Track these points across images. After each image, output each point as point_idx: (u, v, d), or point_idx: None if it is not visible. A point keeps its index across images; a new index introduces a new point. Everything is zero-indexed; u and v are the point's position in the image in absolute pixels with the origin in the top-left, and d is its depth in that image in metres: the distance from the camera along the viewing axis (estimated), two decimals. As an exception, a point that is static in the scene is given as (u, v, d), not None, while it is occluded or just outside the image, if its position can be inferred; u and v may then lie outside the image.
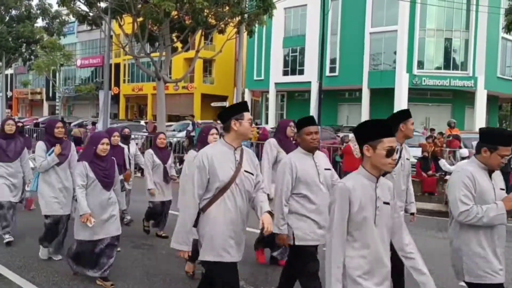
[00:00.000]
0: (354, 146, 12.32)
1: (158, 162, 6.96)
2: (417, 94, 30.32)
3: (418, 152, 14.54)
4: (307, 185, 3.88)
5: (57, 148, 5.49)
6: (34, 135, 24.19)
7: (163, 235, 7.01)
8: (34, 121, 29.67)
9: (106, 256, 4.86)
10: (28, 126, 26.80)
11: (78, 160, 4.93)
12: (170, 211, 7.20)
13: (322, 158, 4.15)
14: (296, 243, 3.86)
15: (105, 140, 4.83)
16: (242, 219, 3.42)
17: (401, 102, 29.73)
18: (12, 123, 6.40)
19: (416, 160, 13.60)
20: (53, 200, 5.54)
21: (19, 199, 6.65)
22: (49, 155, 5.46)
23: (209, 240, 3.31)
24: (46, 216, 5.63)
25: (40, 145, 5.55)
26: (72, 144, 5.91)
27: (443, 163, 10.33)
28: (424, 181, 12.24)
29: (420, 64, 30.43)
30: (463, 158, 9.37)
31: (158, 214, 7.07)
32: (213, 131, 5.28)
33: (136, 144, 19.80)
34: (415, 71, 30.01)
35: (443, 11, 29.86)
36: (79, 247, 4.85)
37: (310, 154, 4.01)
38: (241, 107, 3.45)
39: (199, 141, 5.26)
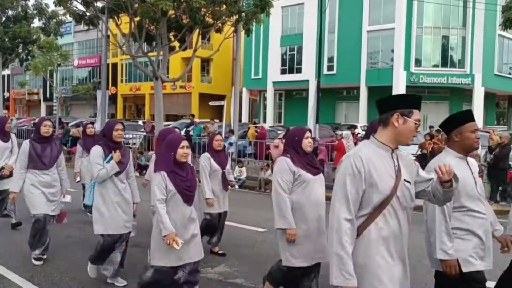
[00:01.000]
0: (347, 143, 12.35)
1: (216, 168, 6.06)
2: (414, 91, 30.17)
3: (415, 149, 14.59)
4: (469, 196, 3.20)
5: (116, 155, 4.69)
6: (31, 135, 24.17)
7: (220, 252, 6.24)
8: (32, 122, 29.58)
9: (190, 284, 4.10)
10: (26, 127, 26.77)
11: (155, 170, 4.00)
12: (226, 222, 6.52)
13: (471, 160, 3.47)
14: (464, 270, 3.14)
15: (185, 143, 4.02)
16: (405, 242, 2.63)
17: (398, 100, 29.76)
18: (49, 124, 5.56)
19: (413, 158, 13.63)
20: (112, 217, 4.76)
21: (58, 212, 5.77)
22: (107, 162, 4.67)
23: (364, 270, 2.48)
24: (103, 235, 4.83)
25: (97, 151, 4.70)
26: (130, 151, 5.14)
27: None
28: (422, 179, 12.24)
29: (418, 62, 30.49)
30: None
31: (214, 227, 6.20)
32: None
33: (134, 144, 19.91)
34: (413, 69, 30.06)
35: (440, 9, 29.91)
36: (156, 275, 3.97)
37: (464, 157, 3.34)
38: (411, 100, 2.65)
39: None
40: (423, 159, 12.71)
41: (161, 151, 4.19)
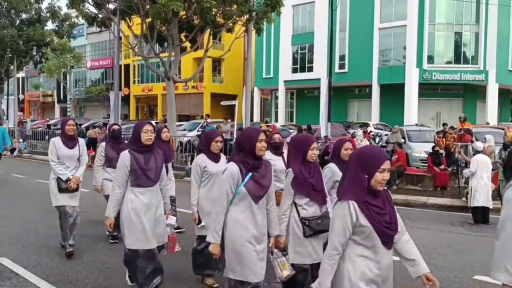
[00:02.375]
0: (360, 142, 12.30)
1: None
2: (427, 89, 30.09)
3: (428, 147, 14.49)
4: None
5: (258, 176, 3.57)
6: (46, 137, 24.45)
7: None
8: (46, 123, 29.96)
9: None
10: (40, 129, 27.12)
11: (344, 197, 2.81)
12: None
13: None
14: None
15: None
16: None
17: (411, 97, 29.57)
18: (151, 129, 4.31)
19: (427, 155, 13.54)
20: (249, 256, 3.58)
21: (165, 241, 4.56)
22: (244, 185, 3.50)
23: None
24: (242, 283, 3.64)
25: (233, 170, 3.50)
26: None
27: (465, 172, 10.11)
28: (436, 176, 12.16)
29: (430, 59, 30.20)
30: (477, 152, 9.25)
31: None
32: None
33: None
34: (425, 66, 29.79)
35: (453, 5, 29.60)
36: None
37: None
38: None
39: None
40: (436, 156, 12.63)
41: (292, 152, 4.05)
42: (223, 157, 5.00)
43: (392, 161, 13.11)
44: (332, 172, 4.47)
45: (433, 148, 12.94)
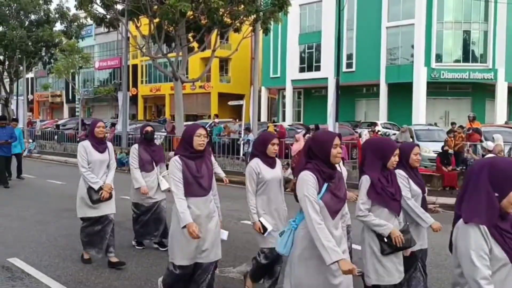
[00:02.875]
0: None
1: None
2: (435, 88, 29.96)
3: (437, 146, 14.42)
4: None
5: (334, 187, 3.05)
6: (55, 137, 24.63)
7: None
8: (55, 123, 30.16)
9: None
10: (49, 129, 27.31)
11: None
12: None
13: None
14: None
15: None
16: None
17: (419, 96, 29.44)
18: (204, 133, 3.90)
19: (435, 155, 13.49)
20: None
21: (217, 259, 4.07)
22: (321, 198, 2.96)
23: None
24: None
25: (311, 179, 2.94)
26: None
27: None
28: (444, 176, 12.10)
29: (438, 58, 30.06)
30: (489, 151, 9.18)
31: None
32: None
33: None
34: (433, 64, 29.65)
35: (461, 3, 29.44)
36: None
37: None
38: None
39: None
40: (445, 156, 12.57)
41: (370, 157, 3.61)
42: (279, 163, 4.51)
43: (400, 160, 13.08)
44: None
45: (442, 148, 12.87)
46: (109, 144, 5.65)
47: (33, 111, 54.69)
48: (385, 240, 3.48)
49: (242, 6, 18.27)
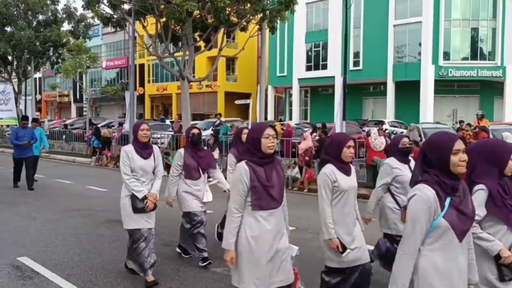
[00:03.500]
0: (373, 139, 12.23)
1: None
2: (443, 86, 29.78)
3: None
4: None
5: (458, 202, 2.57)
6: (63, 136, 24.79)
7: None
8: (63, 123, 30.35)
9: None
10: (57, 128, 27.49)
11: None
12: None
13: None
14: None
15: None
16: None
17: (427, 94, 29.29)
18: (273, 134, 3.34)
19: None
20: None
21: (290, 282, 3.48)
22: (444, 216, 2.47)
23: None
24: None
25: (429, 196, 2.42)
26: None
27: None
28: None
29: (446, 55, 29.88)
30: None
31: None
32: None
33: (162, 143, 20.22)
34: (441, 62, 29.48)
35: (469, 0, 29.24)
36: None
37: None
38: None
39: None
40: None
41: (485, 162, 3.00)
42: (353, 168, 3.97)
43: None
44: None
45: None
46: (155, 149, 5.01)
47: (41, 111, 55.05)
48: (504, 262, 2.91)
49: (249, 5, 18.27)
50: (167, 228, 7.54)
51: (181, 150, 5.69)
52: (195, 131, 5.68)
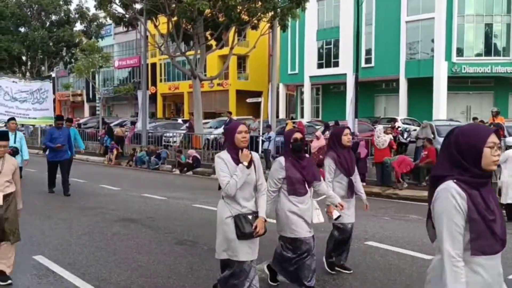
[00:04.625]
0: (376, 138, 12.16)
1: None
2: (457, 82, 29.45)
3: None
4: None
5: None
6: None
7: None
8: (76, 122, 30.63)
9: None
10: (71, 128, 27.70)
11: None
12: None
13: None
14: None
15: None
16: None
17: (440, 91, 29.00)
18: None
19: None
20: None
21: None
22: None
23: None
24: None
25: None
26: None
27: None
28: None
29: (459, 52, 29.53)
30: (509, 147, 9.02)
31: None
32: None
33: (174, 142, 20.30)
34: (454, 58, 29.15)
35: (483, -4, 28.89)
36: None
37: None
38: None
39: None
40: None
41: None
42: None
43: (421, 157, 12.91)
44: None
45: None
46: (255, 156, 3.94)
47: (55, 110, 55.53)
48: None
49: (260, 3, 18.27)
50: (180, 226, 7.60)
51: (281, 159, 4.44)
52: (298, 135, 4.44)
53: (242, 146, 3.76)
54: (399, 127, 19.45)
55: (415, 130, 19.63)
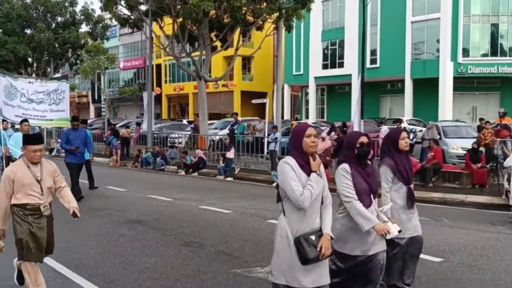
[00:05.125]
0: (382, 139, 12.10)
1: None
2: (463, 83, 29.30)
3: (465, 143, 14.12)
4: None
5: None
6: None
7: None
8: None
9: None
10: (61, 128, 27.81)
11: None
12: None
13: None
14: None
15: None
16: None
17: (446, 92, 28.87)
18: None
19: (464, 152, 13.22)
20: None
21: None
22: None
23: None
24: None
25: None
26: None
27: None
28: (473, 173, 11.83)
29: (465, 52, 29.38)
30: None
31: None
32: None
33: (180, 143, 20.31)
34: (460, 59, 29.01)
35: (489, -4, 28.74)
36: None
37: None
38: None
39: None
40: (475, 153, 12.29)
41: None
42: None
43: (427, 158, 12.85)
44: None
45: (473, 144, 12.58)
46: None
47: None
48: None
49: (265, 4, 18.27)
50: (186, 227, 7.59)
51: (346, 166, 3.85)
52: (364, 139, 3.91)
53: (311, 151, 3.25)
54: (405, 127, 19.37)
55: (421, 131, 19.55)
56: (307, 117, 35.55)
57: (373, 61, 32.52)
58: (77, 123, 10.52)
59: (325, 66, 35.76)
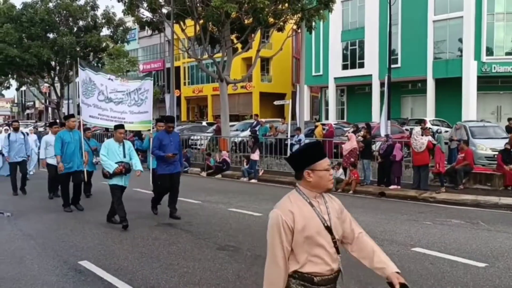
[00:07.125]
0: (414, 140, 11.84)
1: None
2: (486, 82, 28.79)
3: (494, 144, 13.83)
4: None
5: None
6: (104, 139, 25.25)
7: None
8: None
9: None
10: (98, 131, 28.08)
11: None
12: None
13: None
14: None
15: None
16: None
17: (469, 91, 28.38)
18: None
19: (496, 153, 12.94)
20: None
21: None
22: None
23: None
24: None
25: None
26: None
27: None
28: (506, 175, 11.57)
29: (489, 51, 28.84)
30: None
31: None
32: None
33: (201, 145, 20.32)
34: (484, 58, 28.49)
35: (513, -7, 28.19)
36: None
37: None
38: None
39: None
40: (507, 154, 12.02)
41: None
42: None
43: (458, 159, 12.59)
44: None
45: (505, 145, 12.30)
46: None
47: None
48: None
49: (287, 4, 18.20)
50: (219, 231, 7.55)
51: None
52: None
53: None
54: (430, 128, 19.09)
55: (447, 131, 19.24)
56: (326, 118, 35.29)
57: (394, 61, 32.00)
58: (171, 125, 8.81)
59: (345, 67, 35.47)
